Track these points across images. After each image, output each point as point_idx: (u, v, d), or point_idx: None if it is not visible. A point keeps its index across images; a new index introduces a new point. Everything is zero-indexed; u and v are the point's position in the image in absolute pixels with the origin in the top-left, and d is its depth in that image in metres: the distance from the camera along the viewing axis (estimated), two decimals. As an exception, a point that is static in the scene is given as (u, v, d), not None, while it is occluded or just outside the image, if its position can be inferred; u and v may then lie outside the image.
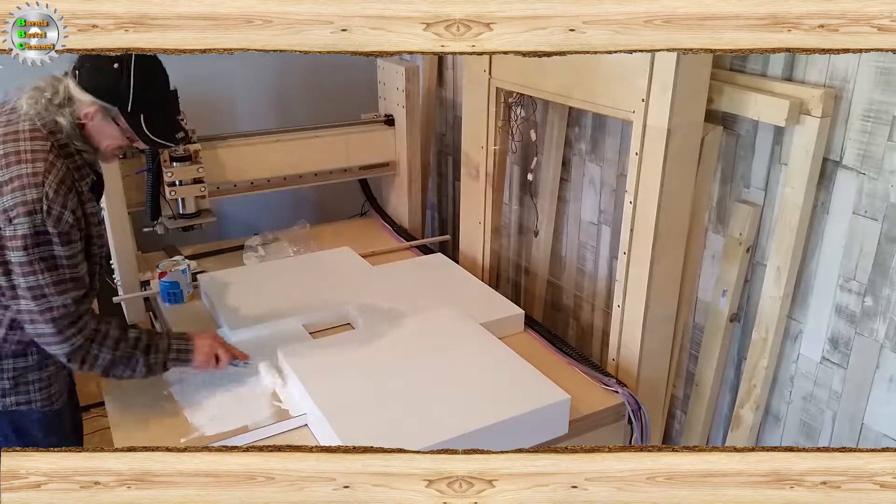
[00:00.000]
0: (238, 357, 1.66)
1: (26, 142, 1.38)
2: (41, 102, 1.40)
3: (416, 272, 2.25)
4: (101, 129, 1.44)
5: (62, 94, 1.40)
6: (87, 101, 1.40)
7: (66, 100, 1.40)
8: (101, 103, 1.40)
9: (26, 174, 1.35)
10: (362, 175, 2.67)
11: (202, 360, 1.59)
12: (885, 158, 1.45)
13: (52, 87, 1.40)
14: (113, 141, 1.47)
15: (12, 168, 1.35)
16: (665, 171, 1.61)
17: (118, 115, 1.42)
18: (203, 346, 1.60)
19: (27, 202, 1.33)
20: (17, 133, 1.39)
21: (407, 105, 2.52)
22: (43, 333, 1.41)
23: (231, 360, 1.64)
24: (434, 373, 1.66)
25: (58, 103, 1.39)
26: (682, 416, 2.02)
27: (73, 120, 1.41)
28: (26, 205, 1.33)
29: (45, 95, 1.40)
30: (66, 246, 1.38)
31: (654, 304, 1.76)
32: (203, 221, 2.27)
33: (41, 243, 1.35)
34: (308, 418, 1.58)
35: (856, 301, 1.56)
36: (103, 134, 1.45)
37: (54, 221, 1.35)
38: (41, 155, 1.37)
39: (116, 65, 1.38)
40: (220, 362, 1.62)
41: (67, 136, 1.41)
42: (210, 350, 1.60)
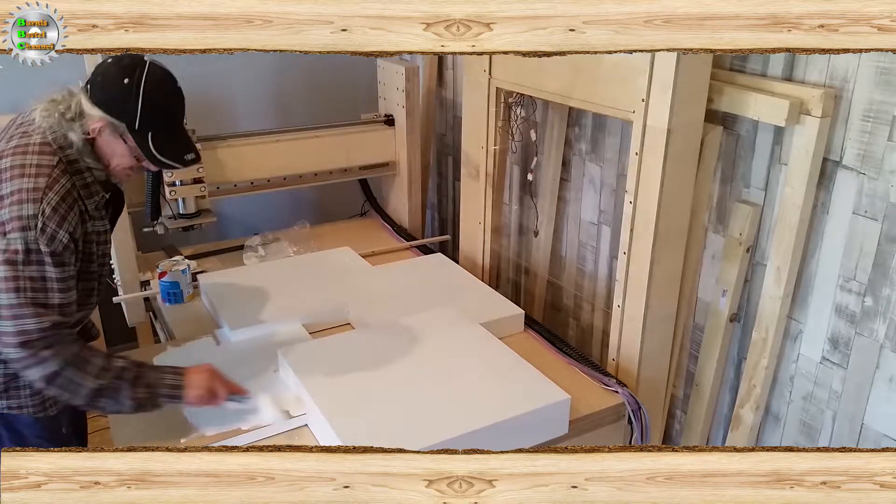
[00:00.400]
0: (236, 392, 1.55)
1: (33, 155, 1.35)
2: (54, 116, 1.37)
3: (416, 272, 2.25)
4: (109, 146, 1.41)
5: (74, 108, 1.38)
6: (95, 116, 1.37)
7: (78, 114, 1.38)
8: (108, 118, 1.37)
9: (27, 189, 1.32)
10: (362, 175, 2.67)
11: (197, 397, 1.47)
12: (885, 158, 1.45)
13: (66, 101, 1.38)
14: (122, 159, 1.43)
15: (15, 181, 1.33)
16: (665, 171, 1.61)
17: (125, 132, 1.39)
18: (198, 382, 1.48)
19: (22, 217, 1.30)
20: (27, 146, 1.36)
21: (407, 105, 2.52)
22: (13, 358, 1.33)
23: (229, 395, 1.53)
24: (434, 373, 1.65)
25: (69, 118, 1.37)
26: (682, 416, 2.02)
27: (83, 135, 1.38)
28: (21, 220, 1.30)
29: (59, 109, 1.37)
30: (58, 268, 1.33)
31: (654, 304, 1.76)
32: (203, 221, 2.27)
33: (31, 262, 1.31)
34: (308, 418, 1.58)
35: (856, 301, 1.56)
36: (112, 151, 1.42)
37: (47, 240, 1.31)
38: (46, 170, 1.34)
39: (127, 80, 1.35)
40: (217, 398, 1.51)
41: (78, 151, 1.39)
42: (206, 385, 1.49)
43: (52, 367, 1.33)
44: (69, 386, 1.35)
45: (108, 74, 1.38)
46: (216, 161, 2.31)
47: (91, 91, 1.38)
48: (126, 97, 1.36)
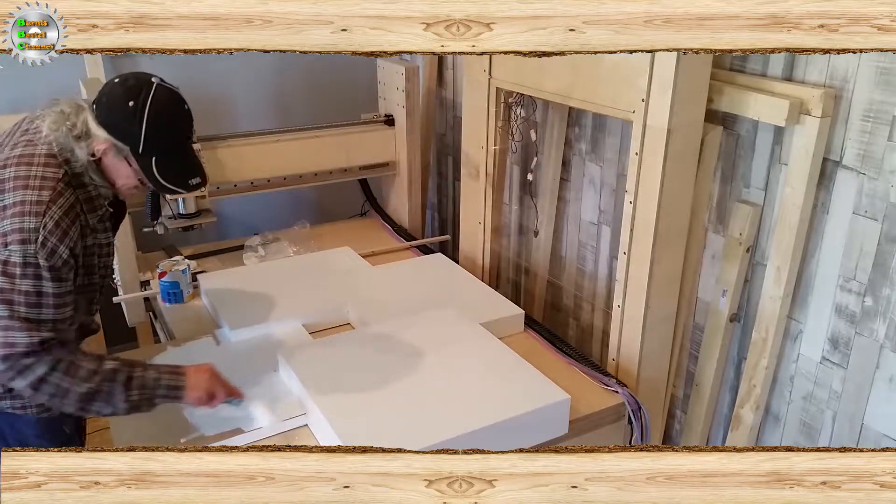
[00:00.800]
0: (234, 395, 1.55)
1: (39, 167, 1.34)
2: (62, 130, 1.36)
3: (416, 272, 2.25)
4: (114, 167, 1.40)
5: (80, 126, 1.36)
6: (101, 138, 1.36)
7: (84, 132, 1.36)
8: (113, 140, 1.36)
9: (30, 201, 1.30)
10: (362, 175, 2.67)
11: (196, 399, 1.46)
12: (885, 158, 1.45)
13: (74, 117, 1.37)
14: (127, 181, 1.42)
15: (18, 192, 1.31)
16: (665, 171, 1.61)
17: (129, 155, 1.37)
18: (199, 383, 1.47)
19: (24, 230, 1.29)
20: (33, 157, 1.35)
21: (407, 105, 2.52)
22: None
23: (226, 398, 1.53)
24: (434, 373, 1.65)
25: (76, 135, 1.36)
26: (682, 416, 2.02)
27: (88, 154, 1.37)
28: (22, 232, 1.28)
29: (67, 124, 1.36)
30: (55, 283, 1.32)
31: (654, 304, 1.76)
32: (203, 221, 2.27)
33: (27, 276, 1.29)
34: (308, 418, 1.58)
35: (856, 301, 1.56)
36: (118, 172, 1.41)
37: (47, 255, 1.29)
38: (50, 183, 1.33)
39: (132, 103, 1.33)
40: (215, 400, 1.50)
41: (83, 167, 1.37)
42: (206, 387, 1.47)
43: (37, 374, 1.31)
44: (58, 392, 1.33)
45: (113, 95, 1.36)
46: (216, 161, 2.31)
47: (97, 111, 1.37)
48: (130, 120, 1.34)
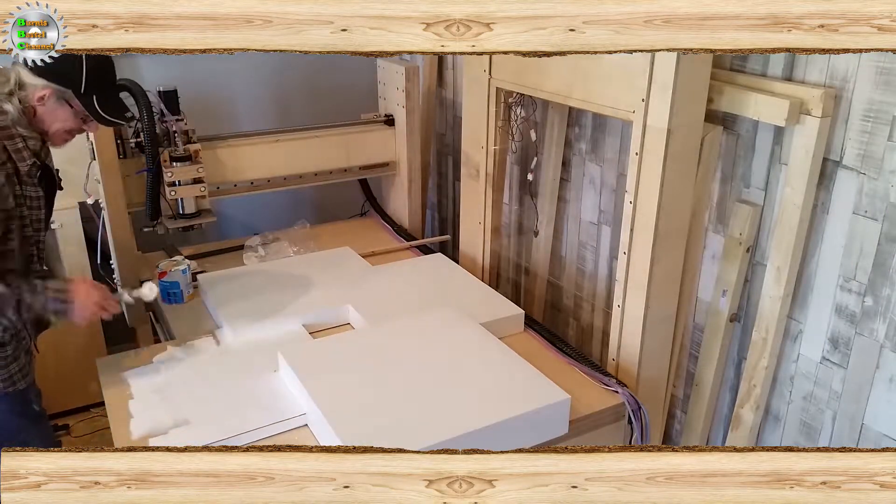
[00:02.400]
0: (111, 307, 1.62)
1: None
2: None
3: (416, 272, 2.25)
4: (52, 113, 1.52)
5: (13, 81, 1.48)
6: (40, 85, 1.48)
7: (17, 86, 1.48)
8: (54, 86, 1.49)
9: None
10: (362, 175, 2.67)
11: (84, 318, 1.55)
12: (885, 158, 1.45)
13: (2, 76, 1.48)
14: (64, 123, 1.55)
15: None
16: (665, 171, 1.61)
17: (72, 97, 1.51)
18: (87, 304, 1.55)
19: None
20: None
21: (407, 105, 2.52)
22: None
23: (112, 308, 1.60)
24: (434, 373, 1.65)
25: (8, 91, 1.47)
26: (682, 416, 2.02)
27: (22, 105, 1.49)
28: None
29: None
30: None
31: (654, 304, 1.76)
32: (203, 221, 2.27)
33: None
34: (308, 418, 1.58)
35: (856, 301, 1.56)
36: (55, 117, 1.53)
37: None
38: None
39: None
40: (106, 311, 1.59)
41: (12, 120, 1.48)
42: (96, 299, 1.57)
43: None
44: None
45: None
46: (216, 161, 2.31)
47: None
48: (70, 66, 1.47)
